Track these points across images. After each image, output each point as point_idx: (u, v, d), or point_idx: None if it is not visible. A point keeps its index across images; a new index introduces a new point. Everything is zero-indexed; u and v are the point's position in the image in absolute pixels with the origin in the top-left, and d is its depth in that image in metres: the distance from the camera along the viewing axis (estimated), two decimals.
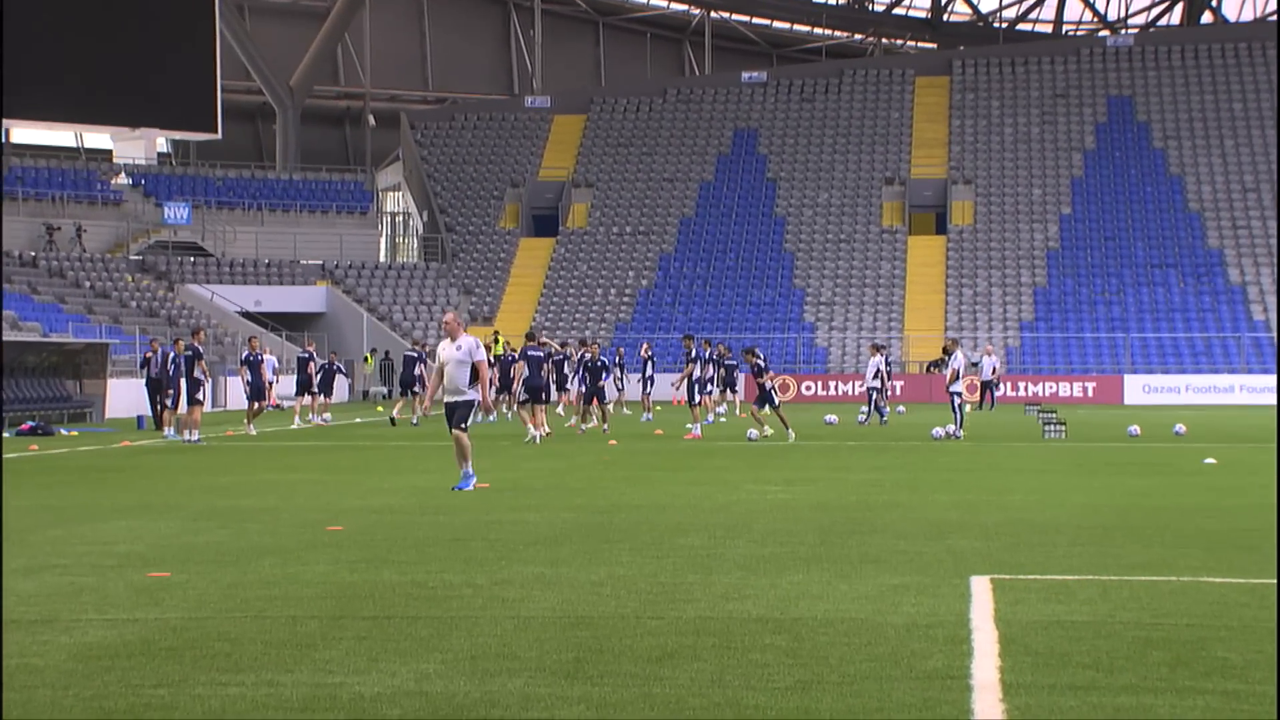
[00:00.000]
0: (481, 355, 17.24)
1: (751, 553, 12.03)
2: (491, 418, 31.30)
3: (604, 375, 31.66)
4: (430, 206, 72.56)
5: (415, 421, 35.48)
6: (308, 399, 37.56)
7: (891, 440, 29.28)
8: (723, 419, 38.15)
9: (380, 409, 49.01)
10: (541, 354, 29.09)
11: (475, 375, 17.33)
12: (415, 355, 36.63)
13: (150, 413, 34.20)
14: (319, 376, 38.26)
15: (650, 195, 72.34)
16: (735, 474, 20.46)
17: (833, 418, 36.79)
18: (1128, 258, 65.82)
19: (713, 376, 38.79)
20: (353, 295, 65.63)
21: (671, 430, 32.18)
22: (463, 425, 17.33)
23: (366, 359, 58.78)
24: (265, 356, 33.38)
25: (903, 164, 72.66)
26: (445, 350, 17.43)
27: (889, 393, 43.87)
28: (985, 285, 65.60)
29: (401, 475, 20.51)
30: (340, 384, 42.13)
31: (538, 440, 27.82)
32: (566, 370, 31.72)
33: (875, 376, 35.32)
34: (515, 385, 31.14)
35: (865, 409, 36.27)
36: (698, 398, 30.29)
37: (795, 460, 23.41)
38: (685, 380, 30.87)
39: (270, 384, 33.47)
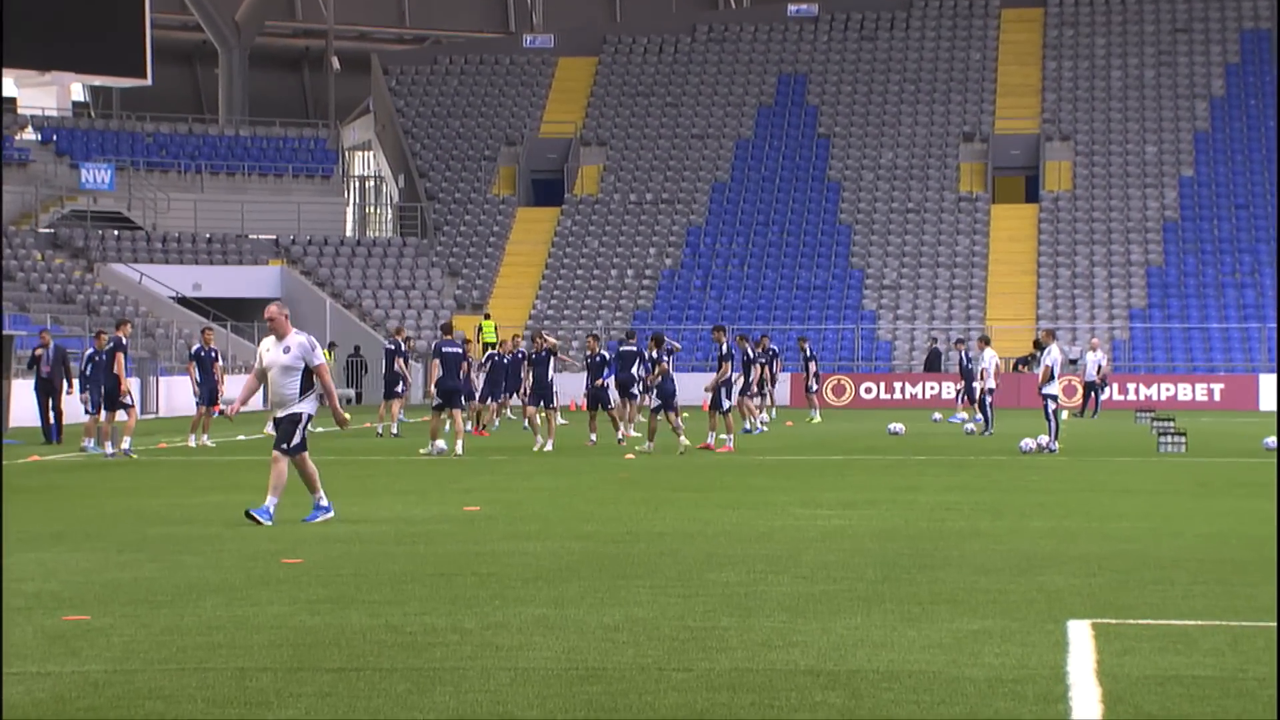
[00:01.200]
0: (319, 358, 16.75)
1: (799, 591, 12.05)
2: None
3: (605, 373, 31.89)
4: (408, 169, 72.71)
5: (395, 431, 35.59)
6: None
7: (970, 454, 29.26)
8: (763, 427, 38.19)
9: (347, 416, 49.03)
10: (459, 350, 29.89)
11: (312, 383, 16.81)
12: (393, 348, 36.58)
13: (40, 421, 34.07)
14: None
15: (676, 156, 72.37)
16: (780, 495, 20.47)
17: (898, 426, 36.79)
18: (1264, 230, 65.59)
19: (759, 376, 38.98)
20: (313, 277, 65.77)
21: (700, 440, 32.19)
22: (284, 446, 16.81)
23: (326, 355, 58.91)
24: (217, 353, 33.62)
25: (985, 116, 72.56)
26: (270, 352, 16.90)
27: (964, 397, 43.93)
28: (1087, 264, 65.49)
29: (373, 497, 20.55)
30: None
31: (438, 451, 28.56)
32: (550, 370, 31.66)
33: (990, 375, 35.52)
34: (429, 386, 32.01)
35: (980, 416, 36.41)
36: (726, 403, 30.43)
37: (853, 478, 23.41)
38: (718, 382, 31.01)
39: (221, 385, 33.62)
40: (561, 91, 75.78)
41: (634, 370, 34.07)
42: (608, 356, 32.27)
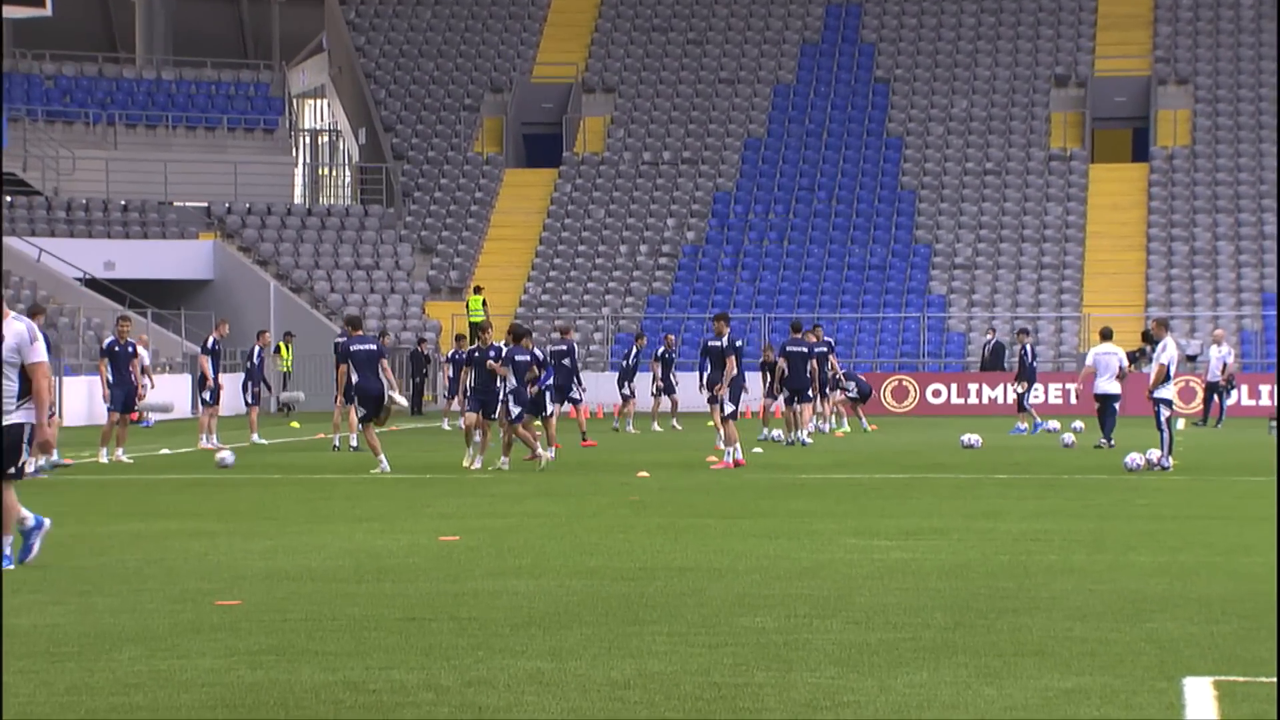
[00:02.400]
0: (38, 354, 15.81)
1: (851, 639, 12.08)
2: (48, 460, 28.47)
3: (542, 377, 32.12)
4: (370, 122, 72.76)
5: (355, 443, 35.65)
6: (254, 413, 38.40)
7: (1063, 473, 29.26)
8: (808, 439, 38.23)
9: (296, 424, 49.16)
10: (374, 348, 30.32)
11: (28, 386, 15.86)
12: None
13: None
14: (246, 376, 38.61)
15: (699, 105, 72.37)
16: (827, 522, 20.51)
17: (974, 438, 36.79)
18: None
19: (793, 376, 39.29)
20: (254, 254, 65.84)
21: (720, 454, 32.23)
22: (13, 470, 15.84)
23: (280, 349, 58.98)
24: (138, 348, 33.75)
25: (1082, 55, 72.48)
26: None
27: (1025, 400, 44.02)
28: (1208, 238, 65.40)
29: (328, 524, 20.59)
30: (231, 386, 42.28)
31: (385, 468, 29.16)
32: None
33: (1116, 376, 35.37)
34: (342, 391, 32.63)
35: (1077, 424, 36.36)
36: (730, 406, 30.49)
37: (917, 502, 23.43)
38: (724, 383, 31.04)
39: (143, 387, 33.69)
40: (559, 26, 75.79)
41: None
42: (540, 356, 32.63)
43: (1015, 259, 65.58)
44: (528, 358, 29.87)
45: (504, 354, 30.05)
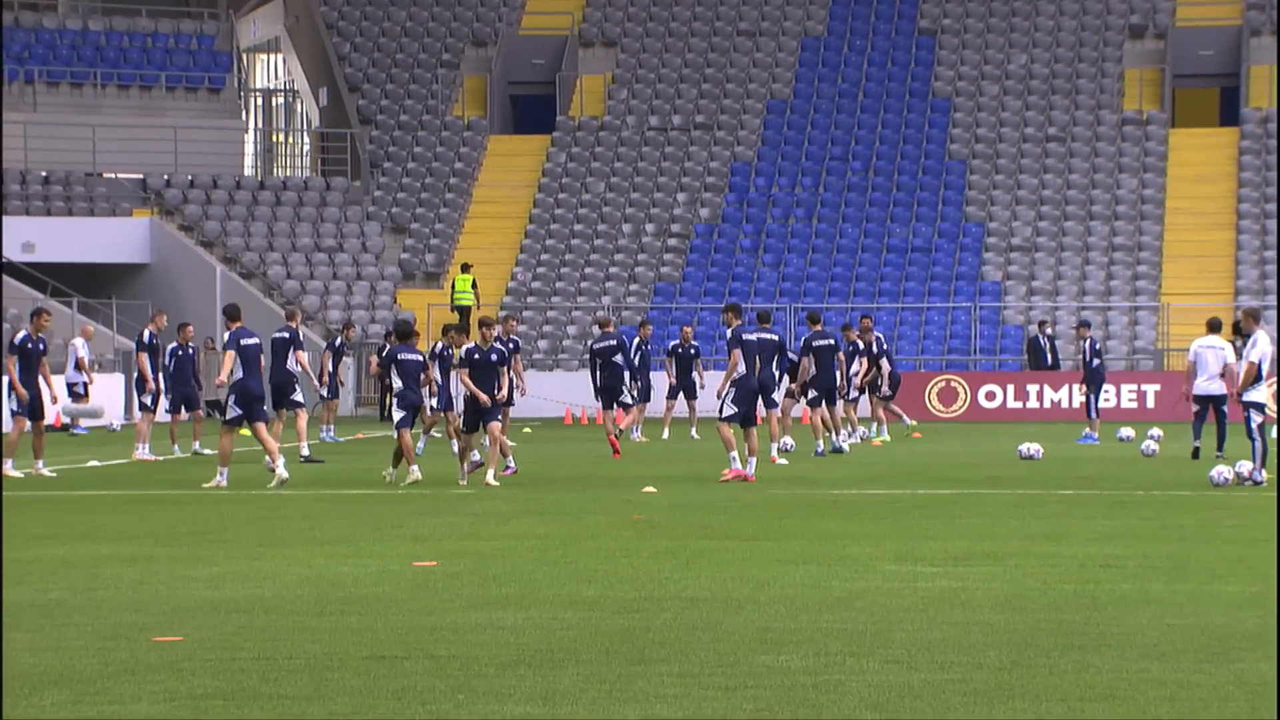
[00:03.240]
0: None
1: (891, 681, 12.10)
2: None
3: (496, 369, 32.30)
4: (333, 81, 72.74)
5: (306, 451, 35.64)
6: (192, 422, 38.48)
7: (1138, 488, 29.26)
8: (844, 445, 38.27)
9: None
10: (256, 339, 30.49)
11: None
12: (286, 337, 36.20)
13: None
14: (171, 376, 38.71)
15: (715, 62, 72.33)
16: (863, 545, 20.53)
17: (1033, 448, 36.78)
18: None
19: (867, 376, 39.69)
20: (197, 234, 65.82)
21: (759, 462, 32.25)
22: None
23: None
24: (79, 343, 33.72)
25: (1161, 2, 72.43)
26: None
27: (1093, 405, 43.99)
28: None
29: (283, 547, 20.60)
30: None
31: (282, 476, 29.46)
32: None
33: (1220, 375, 35.09)
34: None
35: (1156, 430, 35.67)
36: (729, 409, 30.61)
37: (967, 522, 23.44)
38: (725, 382, 31.15)
39: (82, 385, 33.66)
40: None
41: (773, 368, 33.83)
42: (502, 350, 32.69)
43: (1082, 239, 65.55)
44: (417, 358, 30.03)
45: (387, 355, 30.30)
